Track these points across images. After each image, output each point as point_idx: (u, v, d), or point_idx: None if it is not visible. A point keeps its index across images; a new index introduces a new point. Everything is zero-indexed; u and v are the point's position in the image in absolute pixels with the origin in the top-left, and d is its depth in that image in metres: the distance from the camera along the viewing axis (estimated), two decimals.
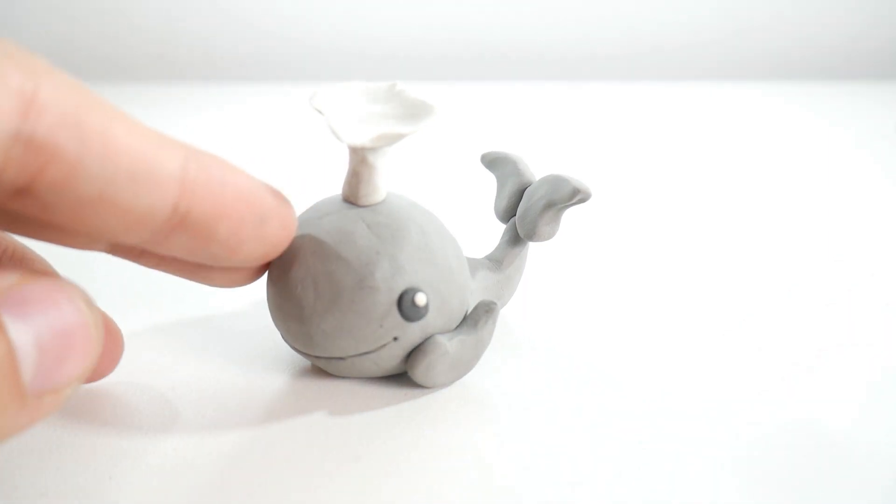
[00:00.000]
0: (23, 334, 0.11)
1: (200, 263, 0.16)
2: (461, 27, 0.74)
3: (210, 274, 0.17)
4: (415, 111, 0.16)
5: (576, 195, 0.19)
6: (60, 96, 0.12)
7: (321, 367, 0.18)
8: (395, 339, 0.17)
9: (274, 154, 0.46)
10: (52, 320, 0.11)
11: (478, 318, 0.18)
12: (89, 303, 0.12)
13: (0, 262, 0.16)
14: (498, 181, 0.22)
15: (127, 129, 0.12)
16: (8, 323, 0.11)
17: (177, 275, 0.17)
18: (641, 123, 0.55)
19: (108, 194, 0.12)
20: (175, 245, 0.14)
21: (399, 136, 0.16)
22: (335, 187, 0.18)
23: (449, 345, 0.17)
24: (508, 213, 0.21)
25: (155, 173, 0.13)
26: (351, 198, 0.17)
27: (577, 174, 0.20)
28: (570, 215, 0.23)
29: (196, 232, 0.14)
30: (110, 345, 0.17)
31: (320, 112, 0.16)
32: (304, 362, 0.19)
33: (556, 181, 0.19)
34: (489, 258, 0.21)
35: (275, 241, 0.15)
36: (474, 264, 0.20)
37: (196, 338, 0.21)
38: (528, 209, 0.20)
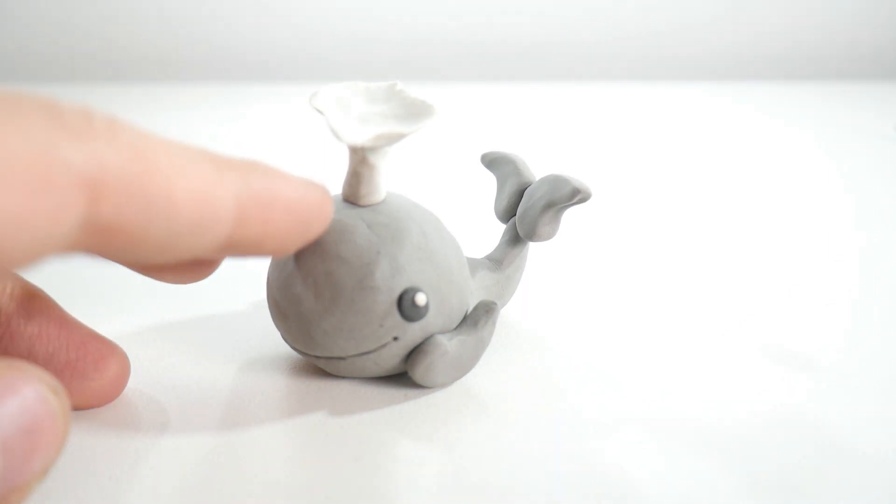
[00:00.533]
0: None
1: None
2: (461, 27, 0.74)
3: (165, 273, 0.16)
4: (415, 111, 0.16)
5: (576, 195, 0.19)
6: (124, 167, 0.11)
7: (321, 367, 0.18)
8: (396, 338, 0.17)
9: (274, 154, 0.46)
10: (17, 416, 0.11)
11: (478, 317, 0.18)
12: (55, 387, 0.12)
13: None
14: (498, 181, 0.22)
15: (187, 178, 0.12)
16: None
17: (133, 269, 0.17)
18: (641, 123, 0.55)
19: (170, 245, 0.12)
20: (217, 256, 0.14)
21: (399, 136, 0.16)
22: (335, 187, 0.18)
23: (449, 345, 0.17)
24: (508, 213, 0.21)
25: (213, 217, 0.13)
26: (351, 198, 0.17)
27: (576, 174, 0.20)
28: (570, 215, 0.23)
29: (244, 250, 0.14)
30: (117, 371, 0.17)
31: (320, 112, 0.16)
32: (304, 362, 0.19)
33: (556, 181, 0.19)
34: (489, 258, 0.21)
35: (315, 237, 0.16)
36: (474, 264, 0.20)
37: (196, 338, 0.21)
38: (528, 209, 0.20)
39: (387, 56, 0.74)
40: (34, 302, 0.16)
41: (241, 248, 0.14)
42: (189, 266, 0.16)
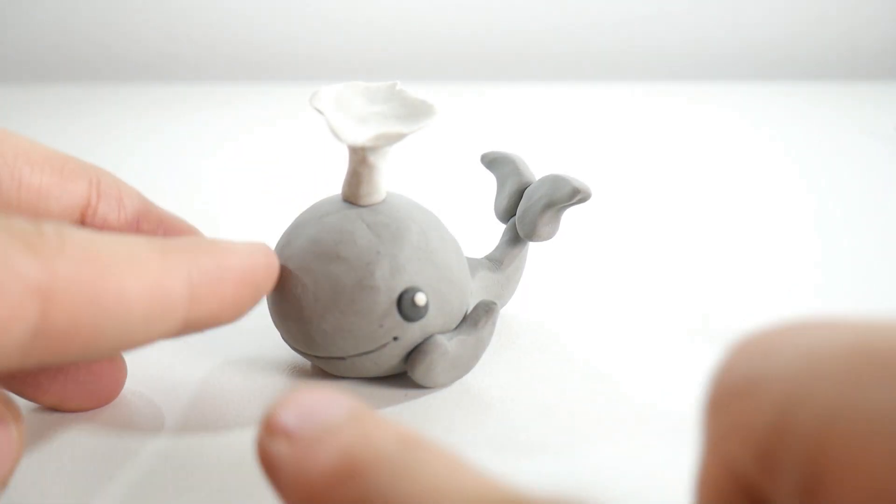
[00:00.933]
0: None
1: None
2: (461, 27, 0.74)
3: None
4: (415, 111, 0.16)
5: (576, 195, 0.19)
6: (75, 274, 0.11)
7: (321, 367, 0.18)
8: (395, 338, 0.17)
9: (274, 154, 0.46)
10: None
11: (478, 317, 0.18)
12: (9, 404, 0.12)
13: None
14: (498, 181, 0.22)
15: (136, 274, 0.12)
16: None
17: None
18: (641, 123, 0.55)
19: (126, 340, 0.13)
20: (178, 336, 0.14)
21: (399, 136, 0.16)
22: (335, 187, 0.18)
23: (449, 345, 0.17)
24: (508, 212, 0.21)
25: (167, 306, 0.13)
26: (351, 198, 0.17)
27: (576, 174, 0.20)
28: (570, 215, 0.23)
29: (202, 327, 0.14)
30: (115, 374, 0.17)
31: (321, 112, 0.16)
32: (304, 362, 0.19)
33: (555, 181, 0.19)
34: (489, 258, 0.21)
35: (265, 293, 0.16)
36: (474, 264, 0.20)
37: (196, 338, 0.21)
38: (527, 209, 0.20)
39: (387, 56, 0.74)
40: None
41: (198, 324, 0.14)
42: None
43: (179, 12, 0.75)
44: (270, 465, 0.11)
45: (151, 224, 0.18)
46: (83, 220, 0.16)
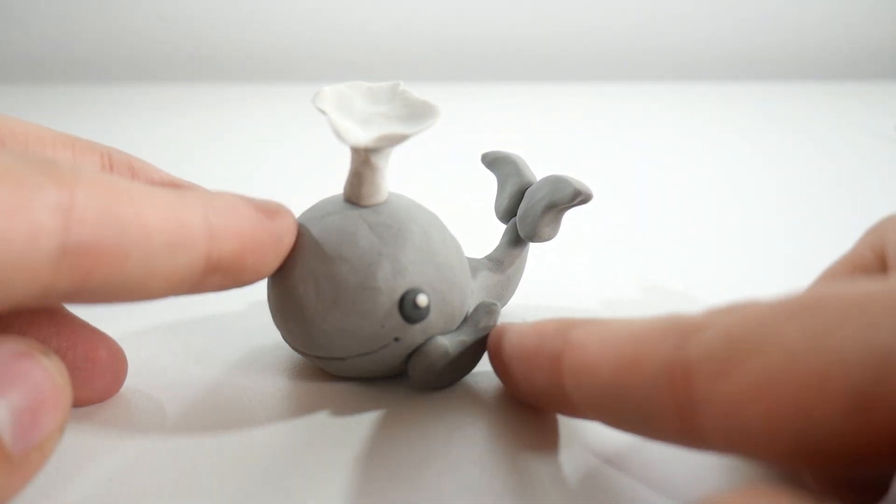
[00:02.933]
0: None
1: None
2: (462, 27, 0.74)
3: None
4: (417, 112, 0.16)
5: (577, 196, 0.19)
6: (95, 195, 0.12)
7: (321, 367, 0.18)
8: (396, 339, 0.17)
9: (275, 154, 0.46)
10: (21, 387, 0.12)
11: (479, 318, 0.18)
12: (47, 353, 0.13)
13: None
14: (498, 181, 0.22)
15: (154, 205, 0.13)
16: None
17: None
18: (642, 123, 0.55)
19: (152, 269, 0.13)
20: (209, 285, 0.15)
21: (402, 137, 0.16)
22: (336, 187, 0.18)
23: (450, 346, 0.17)
24: (509, 213, 0.21)
25: (187, 236, 0.13)
26: (353, 198, 0.17)
27: (577, 175, 0.20)
28: (571, 216, 0.23)
29: (228, 270, 0.15)
30: (114, 366, 0.17)
31: (323, 112, 0.16)
32: (304, 362, 0.19)
33: (557, 182, 0.19)
34: (490, 259, 0.21)
35: (288, 249, 0.16)
36: (475, 265, 0.20)
37: (196, 338, 0.21)
38: (528, 210, 0.20)
39: (389, 56, 0.74)
40: None
41: (225, 266, 0.14)
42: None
43: (180, 13, 0.75)
44: None
45: None
46: None
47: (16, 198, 0.11)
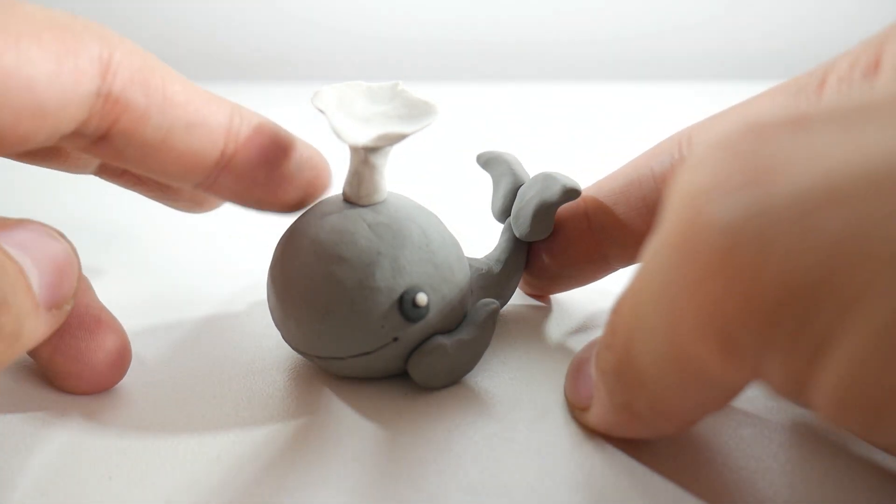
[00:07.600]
0: (27, 260, 0.14)
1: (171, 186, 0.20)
2: (462, 27, 0.74)
3: (178, 196, 0.21)
4: (416, 111, 0.16)
5: (565, 193, 0.19)
6: (129, 60, 0.15)
7: (321, 367, 0.18)
8: (396, 339, 0.17)
9: None
10: (45, 249, 0.14)
11: (478, 318, 0.18)
12: (63, 235, 0.15)
13: None
14: (493, 181, 0.22)
15: (182, 86, 0.15)
16: (14, 253, 0.14)
17: (148, 195, 0.21)
18: (641, 123, 0.55)
19: (168, 140, 0.15)
20: (223, 187, 0.16)
21: (401, 137, 0.16)
22: (336, 187, 0.18)
23: (449, 345, 0.17)
24: (504, 212, 0.22)
25: (206, 122, 0.15)
26: (352, 198, 0.17)
27: (575, 174, 0.20)
28: None
29: (240, 175, 0.16)
30: (117, 357, 0.17)
31: (322, 112, 0.16)
32: (304, 362, 0.19)
33: (546, 180, 0.20)
34: (489, 258, 0.21)
35: (309, 189, 0.17)
36: (474, 264, 0.20)
37: (196, 338, 0.21)
38: (521, 208, 0.20)
39: (389, 56, 0.74)
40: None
41: (237, 169, 0.16)
42: (195, 197, 0.21)
43: (179, 13, 0.75)
44: None
45: None
46: None
47: (68, 47, 0.14)
